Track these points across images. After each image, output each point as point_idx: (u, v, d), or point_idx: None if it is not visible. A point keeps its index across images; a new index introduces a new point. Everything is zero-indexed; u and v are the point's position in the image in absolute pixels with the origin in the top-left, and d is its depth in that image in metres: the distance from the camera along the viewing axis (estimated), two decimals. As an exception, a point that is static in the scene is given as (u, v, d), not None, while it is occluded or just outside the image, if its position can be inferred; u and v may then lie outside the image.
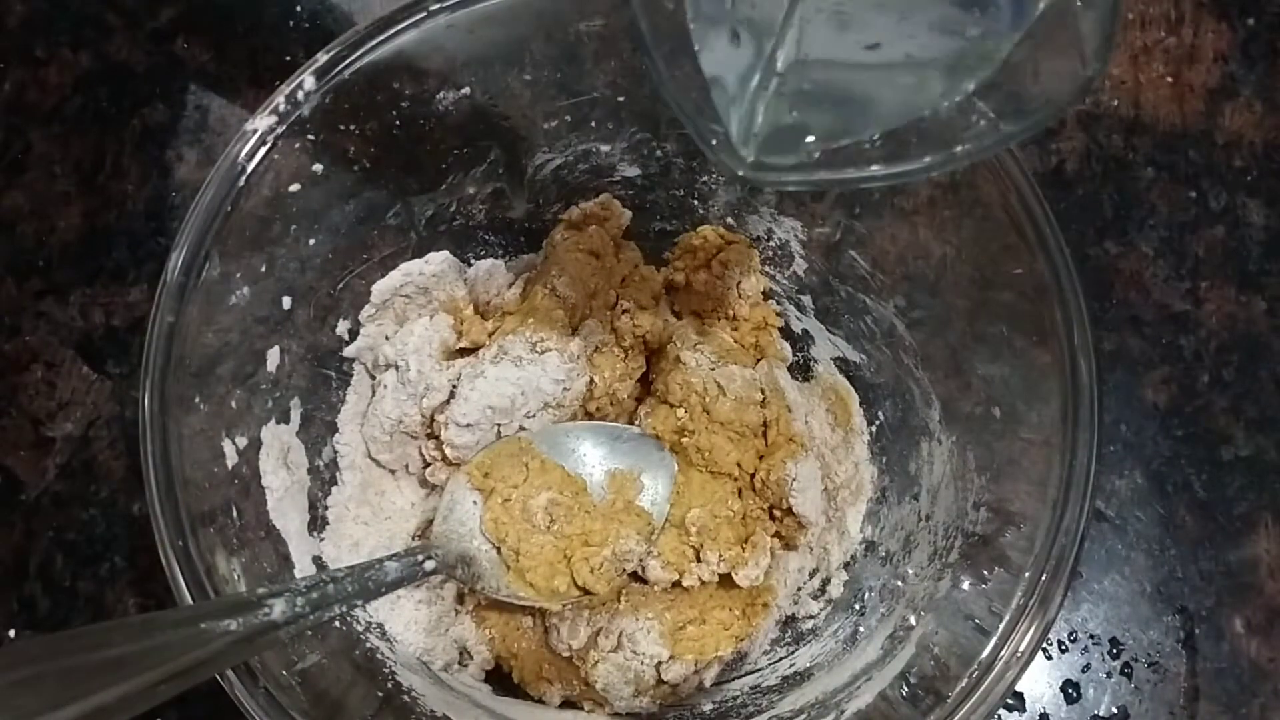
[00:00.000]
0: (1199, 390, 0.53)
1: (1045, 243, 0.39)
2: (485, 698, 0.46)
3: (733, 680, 0.48)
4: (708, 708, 0.46)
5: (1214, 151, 0.56)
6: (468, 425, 0.46)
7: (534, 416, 0.47)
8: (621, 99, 0.46)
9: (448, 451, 0.47)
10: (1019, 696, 0.49)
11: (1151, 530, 0.51)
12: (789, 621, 0.49)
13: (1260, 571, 0.51)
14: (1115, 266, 0.55)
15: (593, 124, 0.47)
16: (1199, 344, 0.54)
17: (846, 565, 0.48)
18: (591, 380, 0.48)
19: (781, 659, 0.47)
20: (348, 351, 0.48)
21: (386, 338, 0.49)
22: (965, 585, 0.41)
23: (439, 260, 0.49)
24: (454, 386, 0.47)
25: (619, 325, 0.49)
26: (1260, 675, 0.49)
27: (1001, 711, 0.49)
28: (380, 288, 0.48)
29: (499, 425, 0.47)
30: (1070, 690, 0.49)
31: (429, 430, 0.48)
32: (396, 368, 0.48)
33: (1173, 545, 0.51)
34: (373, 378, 0.49)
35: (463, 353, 0.49)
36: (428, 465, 0.49)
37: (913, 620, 0.42)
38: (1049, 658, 0.50)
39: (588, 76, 0.46)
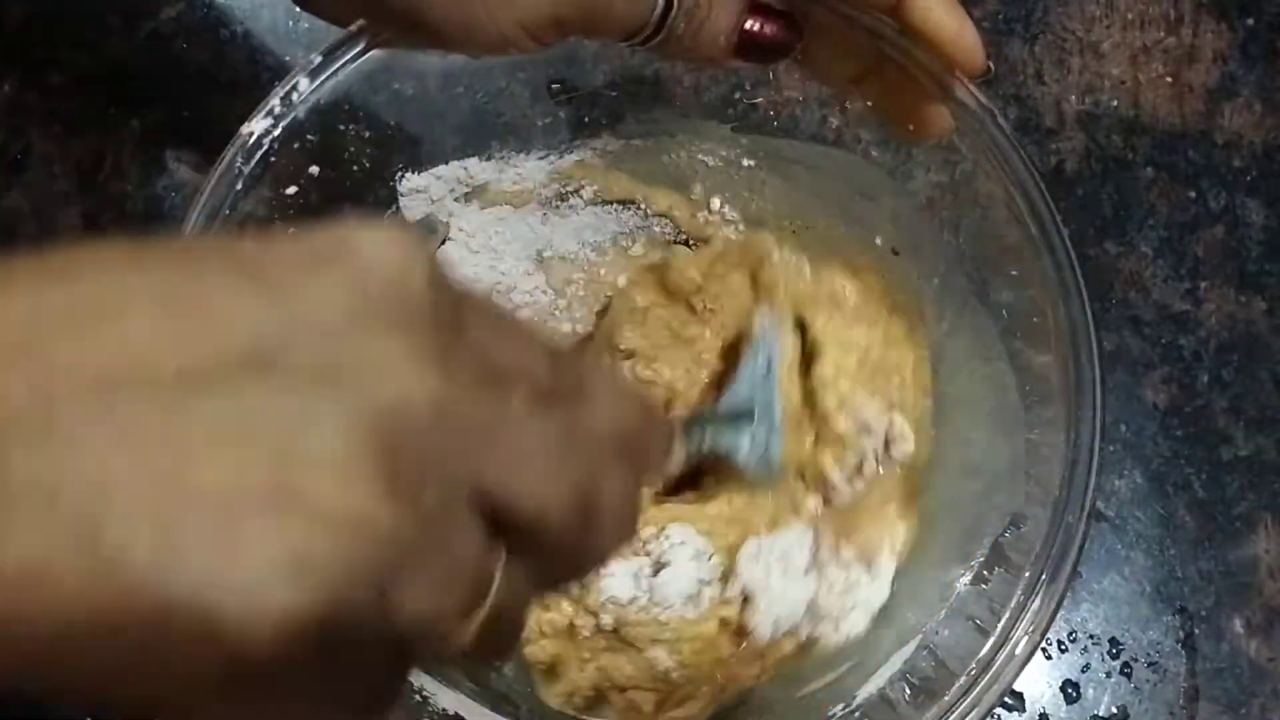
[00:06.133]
0: (1199, 390, 0.53)
1: (1050, 240, 0.39)
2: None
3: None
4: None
5: (1214, 151, 0.56)
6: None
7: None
8: (616, 94, 0.46)
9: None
10: (1019, 696, 0.49)
11: (1151, 530, 0.51)
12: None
13: (1260, 571, 0.51)
14: (1115, 266, 0.55)
15: (586, 120, 0.47)
16: (1199, 344, 0.54)
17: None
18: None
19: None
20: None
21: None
22: (965, 585, 0.41)
23: None
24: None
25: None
26: (1260, 675, 0.49)
27: (1001, 711, 0.49)
28: None
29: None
30: (1070, 690, 0.49)
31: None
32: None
33: (1172, 545, 0.51)
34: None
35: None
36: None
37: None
38: (1048, 657, 0.50)
39: (587, 75, 0.46)
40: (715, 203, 0.50)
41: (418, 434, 0.20)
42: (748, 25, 0.34)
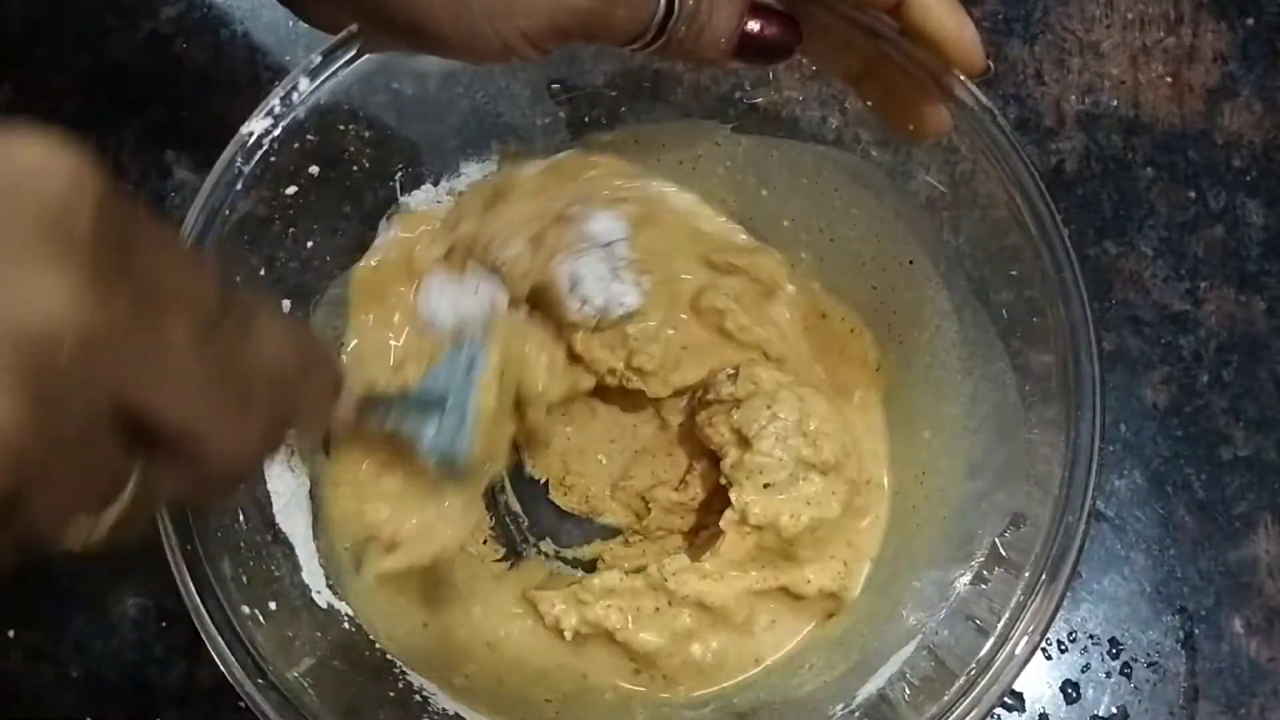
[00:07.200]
0: (1199, 390, 0.53)
1: (1050, 240, 0.39)
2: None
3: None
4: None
5: (1214, 151, 0.56)
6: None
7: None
8: (616, 94, 0.46)
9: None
10: (1018, 696, 0.49)
11: (1151, 530, 0.51)
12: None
13: (1260, 571, 0.51)
14: (1115, 266, 0.55)
15: (586, 120, 0.47)
16: (1199, 344, 0.54)
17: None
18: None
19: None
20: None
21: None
22: (965, 585, 0.41)
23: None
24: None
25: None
26: (1260, 675, 0.49)
27: (1001, 711, 0.49)
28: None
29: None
30: (1070, 690, 0.49)
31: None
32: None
33: (1172, 545, 0.51)
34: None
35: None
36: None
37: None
38: (1048, 658, 0.50)
39: (587, 75, 0.46)
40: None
41: (63, 356, 0.20)
42: (748, 27, 0.34)
